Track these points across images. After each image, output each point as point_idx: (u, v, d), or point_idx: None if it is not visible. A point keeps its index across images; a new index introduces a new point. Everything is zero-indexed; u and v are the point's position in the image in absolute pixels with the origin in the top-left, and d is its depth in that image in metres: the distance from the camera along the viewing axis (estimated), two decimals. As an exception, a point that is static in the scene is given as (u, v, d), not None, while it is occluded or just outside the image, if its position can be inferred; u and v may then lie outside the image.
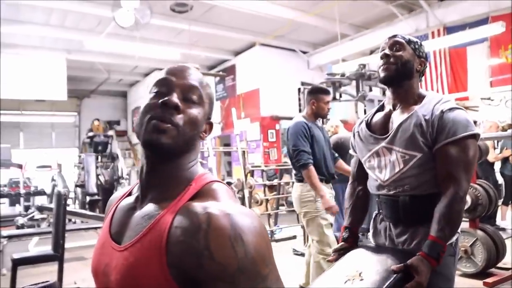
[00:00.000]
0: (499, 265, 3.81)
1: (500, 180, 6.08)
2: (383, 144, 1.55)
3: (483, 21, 6.16)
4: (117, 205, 0.87)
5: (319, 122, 3.32)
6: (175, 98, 0.76)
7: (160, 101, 0.75)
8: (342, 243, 1.70)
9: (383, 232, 1.64)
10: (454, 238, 1.50)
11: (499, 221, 5.87)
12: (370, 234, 1.76)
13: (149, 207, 0.76)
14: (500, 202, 5.40)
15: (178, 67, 0.83)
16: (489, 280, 3.50)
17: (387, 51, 1.57)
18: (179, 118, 0.76)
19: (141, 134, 0.76)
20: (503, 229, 5.53)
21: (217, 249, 0.63)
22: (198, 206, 0.69)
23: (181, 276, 0.66)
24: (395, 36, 1.61)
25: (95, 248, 0.84)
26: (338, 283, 1.35)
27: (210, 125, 0.85)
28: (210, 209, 0.67)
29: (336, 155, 3.47)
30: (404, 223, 1.53)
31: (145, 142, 0.75)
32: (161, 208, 0.74)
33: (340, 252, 1.66)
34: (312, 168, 2.96)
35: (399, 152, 1.50)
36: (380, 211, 1.67)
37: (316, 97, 3.14)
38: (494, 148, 5.93)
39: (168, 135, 0.74)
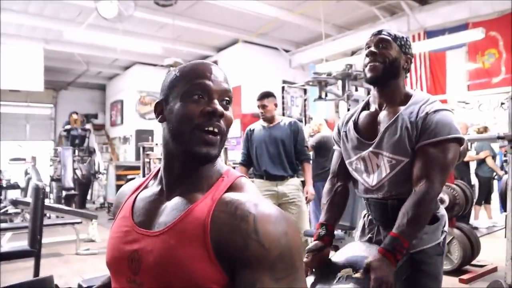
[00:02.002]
0: (474, 262, 3.95)
1: (473, 180, 6.28)
2: (370, 149, 1.50)
3: (461, 27, 6.35)
4: (136, 196, 0.88)
5: (279, 122, 3.46)
6: (219, 106, 0.79)
7: (207, 110, 0.78)
8: (317, 241, 1.55)
9: (371, 234, 1.60)
10: (441, 238, 1.49)
11: (472, 220, 6.06)
12: (357, 233, 1.72)
13: (181, 197, 0.80)
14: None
15: (207, 68, 0.83)
16: (465, 277, 3.64)
17: (373, 48, 1.50)
18: (223, 125, 0.80)
19: (187, 144, 0.78)
20: (476, 228, 5.72)
21: (264, 233, 0.68)
22: (241, 195, 0.74)
23: (223, 256, 0.70)
24: (380, 32, 1.52)
25: (112, 238, 0.84)
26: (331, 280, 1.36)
27: None
28: (256, 200, 0.73)
29: (304, 157, 3.50)
30: (393, 225, 1.45)
31: (193, 154, 0.78)
32: (195, 197, 0.77)
33: (315, 253, 1.52)
34: (240, 167, 3.60)
35: (386, 156, 1.46)
36: (369, 212, 1.63)
37: None
38: (468, 150, 6.12)
39: (215, 146, 0.79)
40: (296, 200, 3.41)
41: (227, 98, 0.82)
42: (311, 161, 3.63)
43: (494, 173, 6.29)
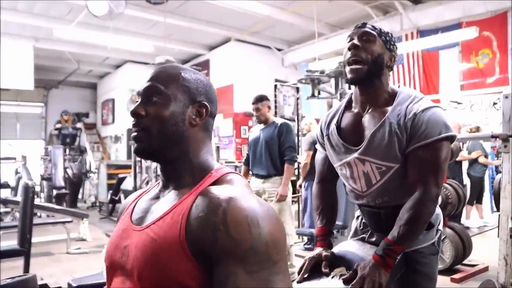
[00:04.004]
0: (465, 261, 3.97)
1: (465, 180, 6.30)
2: (355, 155, 1.42)
3: (454, 26, 6.37)
4: (139, 199, 0.92)
5: (265, 123, 3.65)
6: (137, 107, 0.83)
7: (130, 112, 0.85)
8: (318, 248, 1.47)
9: (364, 235, 1.57)
10: (436, 237, 1.48)
11: (463, 219, 6.09)
12: (350, 234, 1.69)
13: (171, 194, 0.83)
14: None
15: (154, 71, 0.88)
16: (456, 276, 3.66)
17: (356, 41, 1.41)
18: (146, 122, 0.82)
19: None
20: (468, 228, 5.74)
21: (233, 225, 0.67)
22: (219, 188, 0.75)
23: (196, 250, 0.70)
24: (364, 25, 1.44)
25: (112, 237, 0.88)
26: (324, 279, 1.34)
27: (201, 106, 0.87)
28: (231, 192, 0.72)
29: (286, 157, 3.54)
30: (387, 231, 1.39)
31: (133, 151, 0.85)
32: (182, 193, 0.80)
33: (317, 258, 1.42)
34: (244, 166, 3.87)
35: (374, 163, 1.39)
36: (362, 215, 1.60)
37: None
38: (460, 149, 6.15)
39: (141, 140, 0.83)
40: (274, 197, 3.51)
41: (153, 96, 0.84)
42: (294, 162, 3.64)
43: (487, 172, 6.33)
